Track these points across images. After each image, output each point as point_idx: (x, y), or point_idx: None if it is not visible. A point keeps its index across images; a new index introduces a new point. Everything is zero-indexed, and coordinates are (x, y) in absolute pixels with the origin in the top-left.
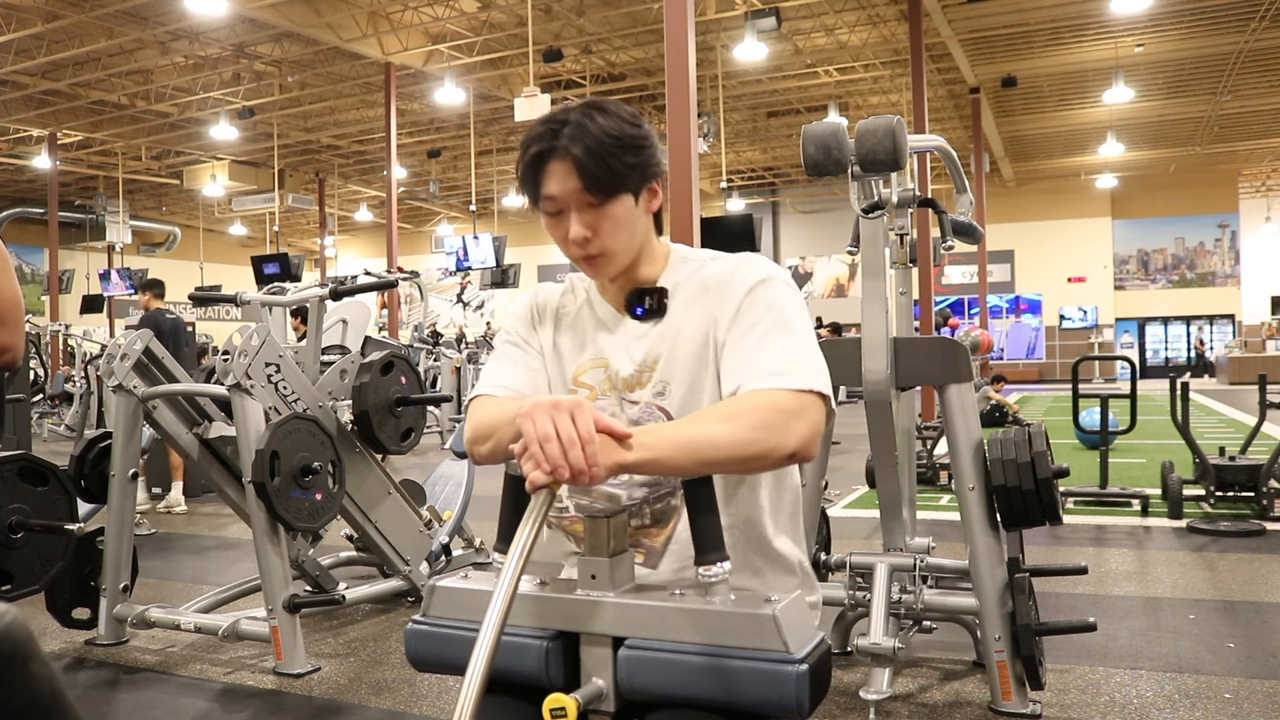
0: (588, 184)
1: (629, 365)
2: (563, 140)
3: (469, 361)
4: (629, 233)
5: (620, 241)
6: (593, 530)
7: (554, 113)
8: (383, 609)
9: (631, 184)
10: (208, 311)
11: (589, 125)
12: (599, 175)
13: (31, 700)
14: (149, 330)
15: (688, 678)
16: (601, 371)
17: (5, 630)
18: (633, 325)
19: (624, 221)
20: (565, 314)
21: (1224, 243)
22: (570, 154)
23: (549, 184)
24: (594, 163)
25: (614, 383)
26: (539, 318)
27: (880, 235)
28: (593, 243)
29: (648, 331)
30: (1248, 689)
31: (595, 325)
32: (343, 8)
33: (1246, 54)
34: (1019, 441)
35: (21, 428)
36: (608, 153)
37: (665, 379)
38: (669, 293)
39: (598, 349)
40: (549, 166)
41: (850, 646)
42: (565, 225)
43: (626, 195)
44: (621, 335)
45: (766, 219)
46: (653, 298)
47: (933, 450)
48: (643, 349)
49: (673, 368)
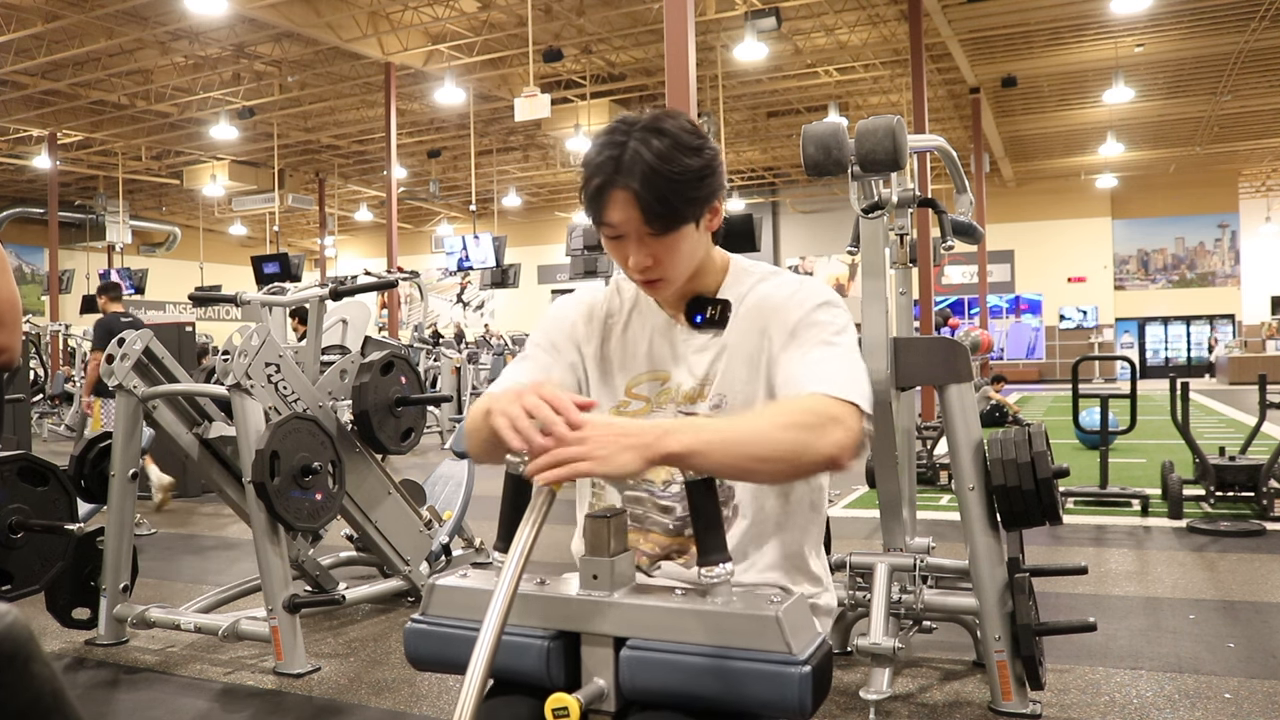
0: (647, 218)
1: (690, 379)
2: (622, 174)
3: (469, 361)
4: (690, 258)
5: (681, 267)
6: (593, 530)
7: (615, 131)
8: (383, 609)
9: (692, 214)
10: (208, 311)
11: (646, 156)
12: (659, 211)
13: (33, 700)
14: (149, 330)
15: (690, 678)
16: (659, 384)
17: (6, 631)
18: (691, 336)
19: (684, 248)
20: (614, 322)
21: (1224, 243)
22: (630, 188)
23: (610, 213)
24: (654, 197)
25: (673, 396)
26: (584, 326)
27: (880, 235)
28: (653, 269)
29: (708, 344)
30: (1248, 689)
31: (650, 334)
32: (343, 8)
33: (1246, 54)
34: (1019, 441)
35: (21, 428)
36: (668, 188)
37: (723, 392)
38: (731, 305)
39: (655, 360)
40: (609, 195)
41: (850, 646)
42: (626, 250)
43: (688, 225)
44: (681, 347)
45: (766, 219)
46: (715, 308)
47: (933, 450)
48: (704, 363)
49: (729, 382)
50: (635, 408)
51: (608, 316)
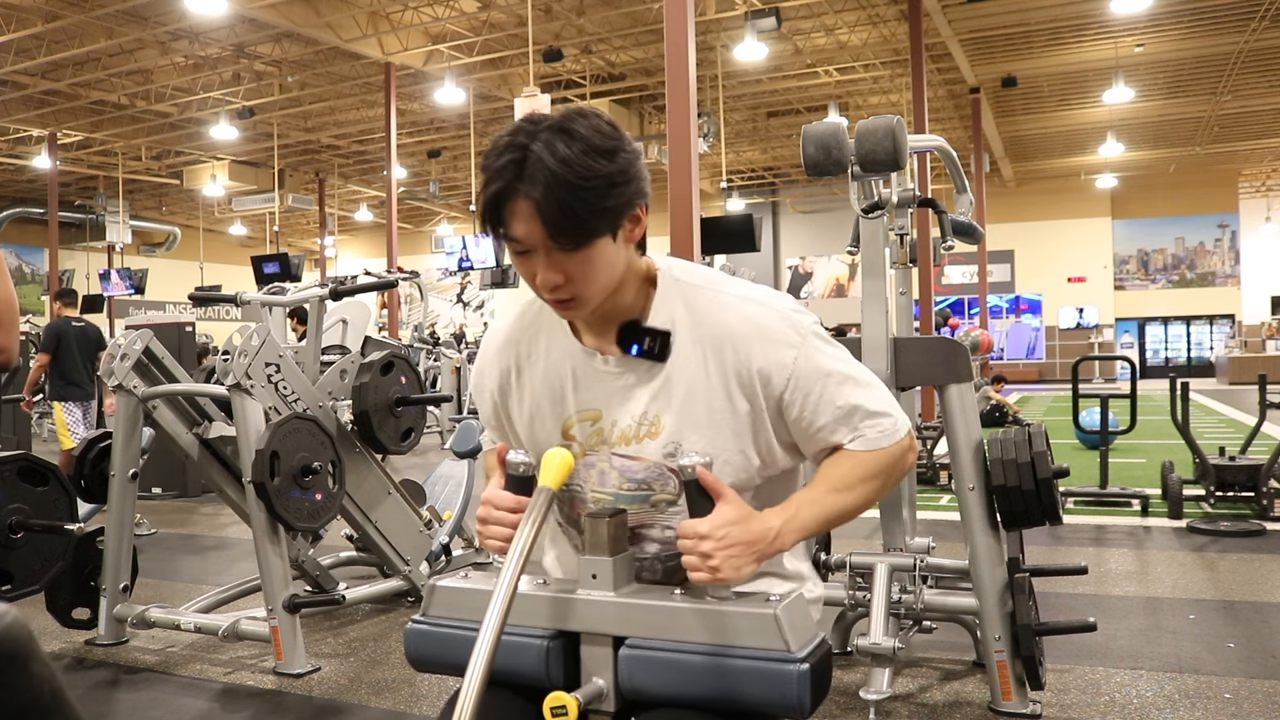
0: (552, 232)
1: (627, 419)
2: (524, 182)
3: (469, 361)
4: (607, 274)
5: (596, 285)
6: (593, 530)
7: (518, 132)
8: (383, 609)
9: (605, 226)
10: (208, 311)
11: (550, 162)
12: (565, 225)
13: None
14: (149, 330)
15: (688, 677)
16: (589, 424)
17: (6, 631)
18: (622, 371)
19: (599, 264)
20: (534, 359)
21: (1224, 243)
22: (531, 198)
23: (512, 225)
24: (559, 209)
25: (606, 437)
26: (504, 381)
27: (880, 235)
28: (564, 288)
29: (643, 377)
30: (1248, 689)
31: (573, 367)
32: (343, 8)
33: (1246, 54)
34: (1019, 441)
35: (21, 428)
36: (575, 198)
37: (676, 439)
38: (671, 336)
39: (583, 400)
40: (510, 206)
41: (850, 646)
42: (534, 267)
43: (602, 238)
44: (610, 382)
45: (766, 219)
46: (653, 340)
47: (933, 450)
48: (642, 401)
49: (684, 428)
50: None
51: (529, 355)
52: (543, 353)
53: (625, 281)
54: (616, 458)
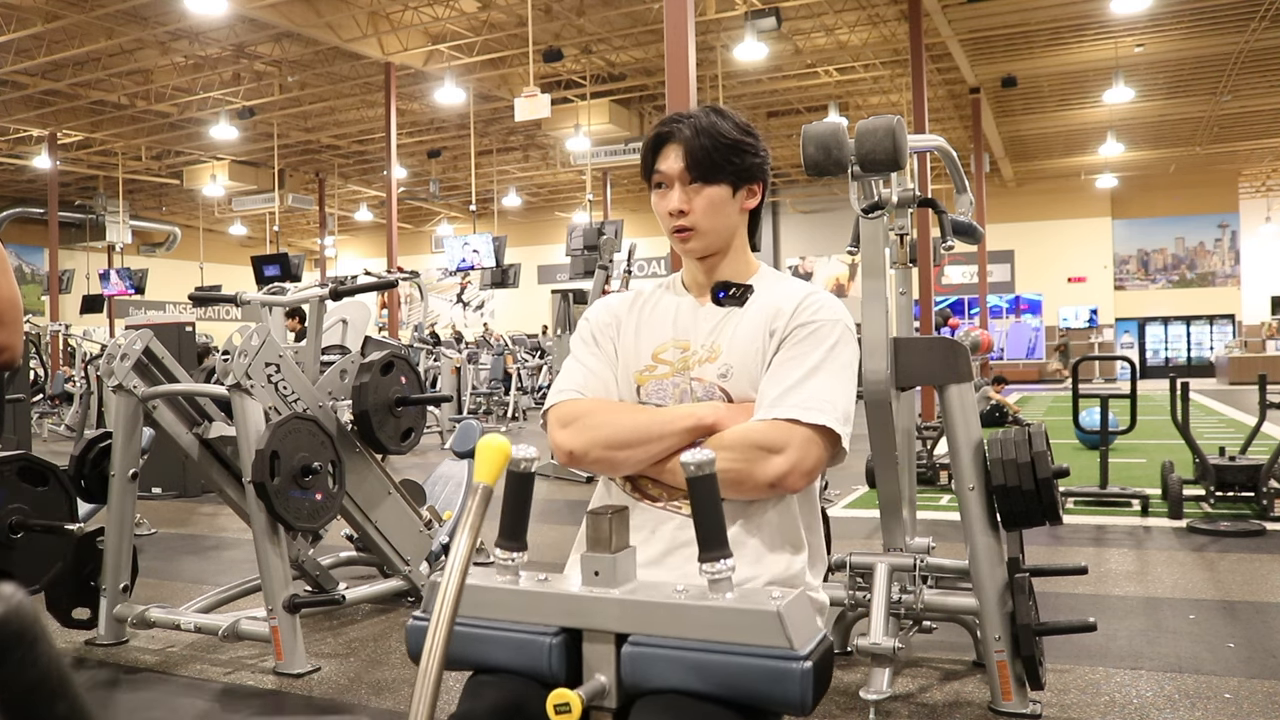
0: (689, 164)
1: (698, 345)
2: (683, 128)
3: (469, 361)
4: (720, 217)
5: (709, 221)
6: (594, 526)
7: (682, 112)
8: (383, 609)
9: (728, 176)
10: (208, 311)
11: (703, 121)
12: (701, 161)
13: (40, 678)
14: (149, 330)
15: (691, 674)
16: (680, 351)
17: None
18: (712, 312)
19: (716, 205)
20: (648, 301)
21: (1224, 243)
22: (683, 137)
23: (661, 161)
24: (700, 150)
25: (687, 361)
26: (625, 311)
27: (880, 235)
28: (686, 216)
29: (722, 318)
30: (1248, 689)
31: (676, 309)
32: (343, 8)
33: (1246, 54)
34: (1019, 441)
35: (21, 428)
36: (714, 144)
37: (729, 363)
38: (753, 290)
39: (679, 330)
40: (665, 148)
41: (850, 646)
42: (668, 198)
43: (724, 185)
44: (702, 321)
45: (767, 219)
46: (737, 289)
47: (933, 450)
48: (713, 333)
49: (733, 356)
50: (661, 371)
51: (644, 299)
52: (658, 301)
53: (736, 256)
54: (691, 380)
